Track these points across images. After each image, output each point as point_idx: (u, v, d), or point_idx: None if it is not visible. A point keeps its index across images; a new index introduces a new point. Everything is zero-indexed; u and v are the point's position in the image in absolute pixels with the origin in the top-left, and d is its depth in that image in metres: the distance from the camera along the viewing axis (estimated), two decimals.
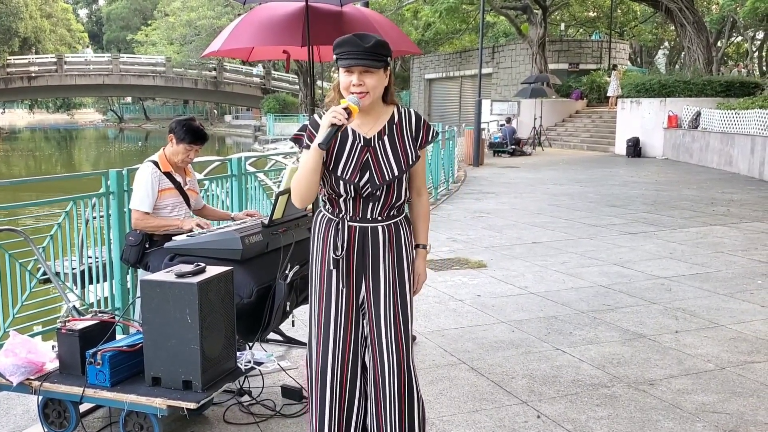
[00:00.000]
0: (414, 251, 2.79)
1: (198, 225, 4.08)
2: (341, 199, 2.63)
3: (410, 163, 2.66)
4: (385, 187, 2.62)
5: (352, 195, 2.61)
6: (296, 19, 4.71)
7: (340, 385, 2.70)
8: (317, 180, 2.58)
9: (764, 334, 4.82)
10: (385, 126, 2.66)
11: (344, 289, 2.67)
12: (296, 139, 2.66)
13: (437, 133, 2.84)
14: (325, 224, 2.70)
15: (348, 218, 2.65)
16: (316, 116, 2.64)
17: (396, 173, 2.62)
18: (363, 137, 2.63)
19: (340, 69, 2.56)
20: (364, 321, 2.72)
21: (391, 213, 2.69)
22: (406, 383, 2.70)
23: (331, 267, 2.66)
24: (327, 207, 2.72)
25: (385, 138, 2.64)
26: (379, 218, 2.66)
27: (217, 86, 52.65)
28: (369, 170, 2.60)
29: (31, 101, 71.27)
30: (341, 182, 2.59)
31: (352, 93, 2.53)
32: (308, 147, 2.58)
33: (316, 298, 2.73)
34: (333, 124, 2.44)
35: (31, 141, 54.56)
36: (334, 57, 2.57)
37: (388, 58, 2.57)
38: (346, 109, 2.46)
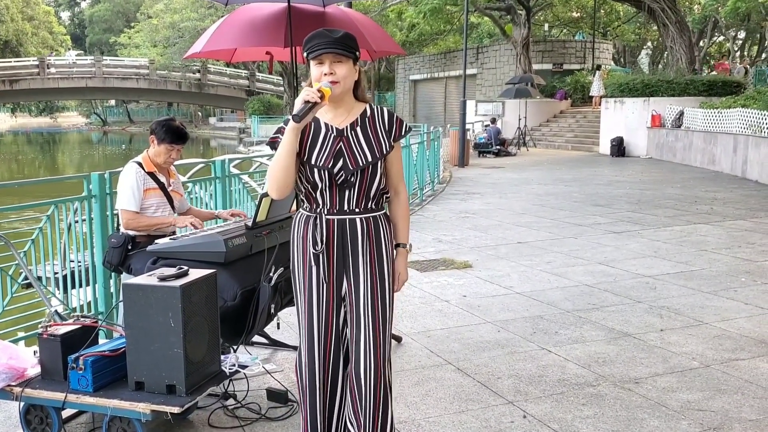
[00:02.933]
0: (394, 250, 2.80)
1: (192, 224, 4.06)
2: (317, 191, 2.65)
3: (383, 151, 2.69)
4: (359, 174, 2.64)
5: (327, 183, 2.63)
6: (279, 20, 4.69)
7: (323, 379, 2.73)
8: (293, 164, 2.59)
9: (748, 332, 4.85)
10: (357, 119, 2.70)
11: (325, 285, 2.69)
12: (273, 142, 2.69)
13: (410, 128, 2.86)
14: (303, 221, 2.72)
15: (325, 212, 2.67)
16: (288, 117, 2.67)
17: (369, 159, 2.65)
18: (335, 128, 2.67)
19: (312, 63, 2.61)
20: (348, 317, 2.74)
21: (369, 205, 2.70)
22: (381, 380, 2.72)
23: (312, 263, 2.68)
24: (305, 205, 2.74)
25: (358, 129, 2.69)
26: (357, 210, 2.68)
27: (201, 88, 52.45)
28: (342, 157, 2.63)
29: (13, 105, 70.70)
30: (315, 170, 2.62)
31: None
32: None
33: (299, 297, 2.75)
34: (307, 101, 2.47)
35: (13, 145, 54.07)
36: (305, 54, 2.61)
37: (357, 53, 2.63)
38: (319, 90, 2.50)
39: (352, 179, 2.64)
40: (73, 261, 4.75)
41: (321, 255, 2.67)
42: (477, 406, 3.71)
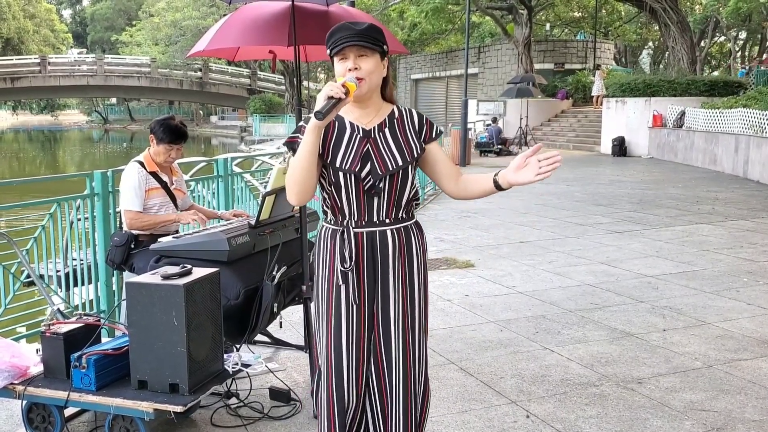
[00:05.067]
0: (494, 179, 2.47)
1: (196, 220, 4.06)
2: (343, 198, 2.41)
3: (415, 155, 2.45)
4: (389, 179, 2.40)
5: (354, 190, 2.39)
6: (282, 19, 4.68)
7: (354, 412, 2.49)
8: (314, 166, 2.33)
9: (750, 332, 4.84)
10: (385, 119, 2.47)
11: (355, 306, 2.44)
12: (291, 143, 2.44)
13: (441, 131, 2.61)
14: (329, 236, 2.46)
15: (353, 224, 2.42)
16: (309, 115, 2.49)
17: (400, 163, 2.41)
18: (362, 129, 2.44)
19: (335, 60, 2.38)
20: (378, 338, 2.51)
21: (400, 215, 2.47)
22: (412, 410, 2.52)
23: (341, 282, 2.42)
24: (329, 218, 2.48)
25: (386, 130, 2.46)
26: (387, 221, 2.44)
27: (202, 87, 52.43)
28: (370, 160, 2.39)
29: (14, 102, 70.72)
30: (340, 173, 2.38)
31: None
32: None
33: (323, 320, 2.48)
34: (330, 97, 2.24)
35: (14, 142, 54.11)
36: (328, 51, 2.40)
37: (385, 47, 2.41)
38: (343, 85, 2.29)
39: (380, 185, 2.39)
40: (75, 259, 4.74)
41: (350, 273, 2.41)
42: (480, 405, 3.70)
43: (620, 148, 20.40)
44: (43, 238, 4.57)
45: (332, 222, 2.47)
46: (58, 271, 4.63)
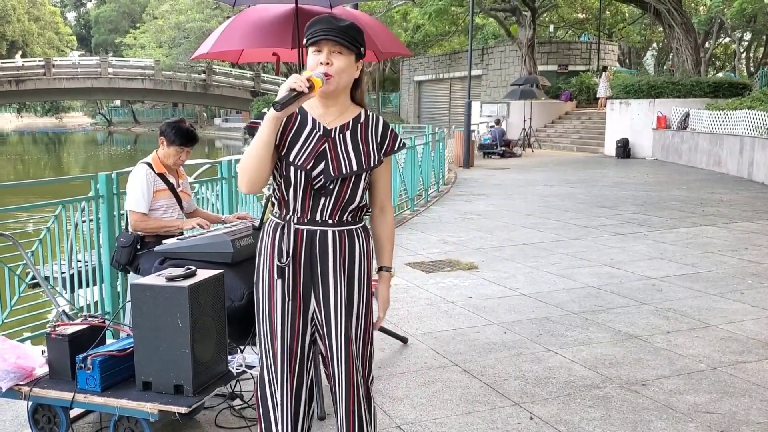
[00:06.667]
0: (375, 272, 2.57)
1: (198, 225, 4.07)
2: (290, 193, 2.38)
3: (371, 164, 2.41)
4: (340, 182, 2.36)
5: (303, 186, 2.36)
6: (286, 21, 4.70)
7: (284, 406, 2.49)
8: (269, 157, 2.31)
9: (755, 334, 4.83)
10: (349, 122, 2.43)
11: (290, 302, 2.43)
12: (252, 128, 2.49)
13: (404, 144, 2.54)
14: (271, 230, 2.45)
15: (295, 220, 2.40)
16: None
17: (355, 168, 2.37)
18: (323, 127, 2.40)
19: (310, 50, 2.36)
20: (317, 338, 2.51)
21: (344, 218, 2.42)
22: (356, 414, 2.49)
23: (276, 276, 2.42)
24: (275, 211, 2.47)
25: (348, 133, 2.41)
26: (330, 221, 2.40)
27: (206, 89, 52.52)
28: (324, 160, 2.36)
29: (19, 105, 70.95)
30: (292, 168, 2.35)
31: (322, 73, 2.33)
32: None
33: (261, 314, 2.49)
34: (292, 89, 2.22)
35: (19, 145, 54.26)
36: (305, 41, 2.37)
37: (362, 49, 2.38)
38: (308, 79, 2.25)
39: (330, 186, 2.36)
40: (80, 261, 4.76)
41: (287, 268, 2.40)
42: (484, 407, 3.70)
43: (624, 149, 20.37)
44: (48, 240, 4.58)
45: (277, 215, 2.47)
46: (63, 273, 4.65)
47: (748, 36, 40.08)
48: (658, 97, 20.42)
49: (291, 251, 2.39)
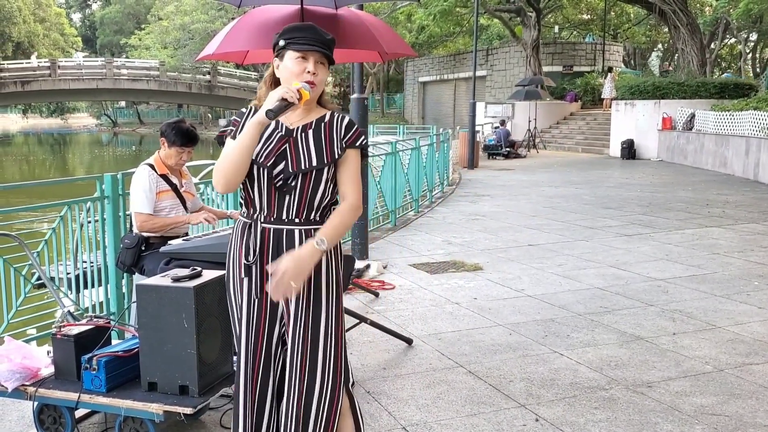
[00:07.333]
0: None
1: (206, 219, 4.08)
2: (255, 191, 2.42)
3: (333, 157, 2.43)
4: (301, 178, 2.40)
5: (266, 185, 2.41)
6: (291, 22, 4.69)
7: (250, 401, 2.49)
8: (249, 160, 2.36)
9: (761, 336, 4.81)
10: (312, 122, 2.48)
11: (256, 301, 2.45)
12: (221, 136, 2.48)
13: (367, 143, 2.57)
14: (240, 229, 2.48)
15: (262, 219, 2.43)
16: (242, 110, 2.52)
17: (314, 163, 2.41)
18: (286, 127, 2.46)
19: (292, 54, 2.39)
20: (285, 338, 2.50)
21: (312, 216, 2.44)
22: (302, 420, 2.46)
23: (242, 275, 2.45)
24: (243, 211, 2.51)
25: (310, 131, 2.46)
26: (296, 220, 2.42)
27: (211, 90, 52.59)
28: (285, 159, 2.41)
29: (25, 106, 71.12)
30: (255, 166, 2.40)
31: (305, 81, 2.38)
32: (234, 137, 2.41)
33: (230, 311, 2.55)
34: (284, 99, 2.27)
35: (24, 145, 54.42)
36: (282, 42, 2.42)
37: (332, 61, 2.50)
38: (298, 90, 2.32)
39: (292, 183, 2.40)
40: (85, 261, 4.77)
41: (254, 267, 2.43)
42: (489, 409, 3.69)
43: (629, 150, 20.33)
44: (53, 241, 4.59)
45: (245, 215, 2.50)
46: (68, 274, 4.65)
47: (754, 37, 39.97)
48: (664, 98, 20.38)
49: (258, 250, 2.43)
